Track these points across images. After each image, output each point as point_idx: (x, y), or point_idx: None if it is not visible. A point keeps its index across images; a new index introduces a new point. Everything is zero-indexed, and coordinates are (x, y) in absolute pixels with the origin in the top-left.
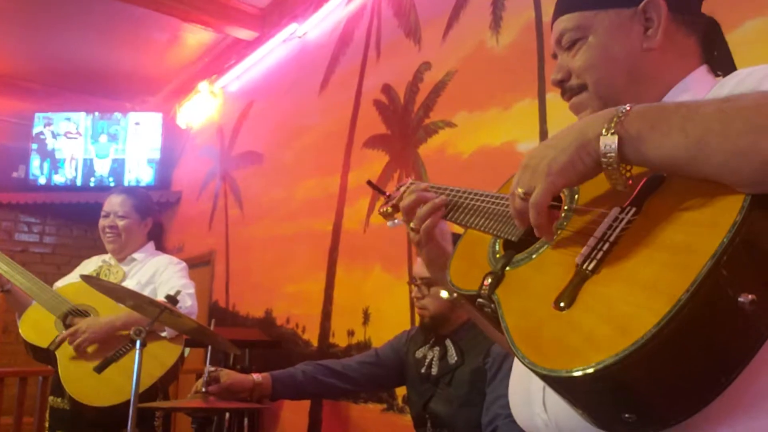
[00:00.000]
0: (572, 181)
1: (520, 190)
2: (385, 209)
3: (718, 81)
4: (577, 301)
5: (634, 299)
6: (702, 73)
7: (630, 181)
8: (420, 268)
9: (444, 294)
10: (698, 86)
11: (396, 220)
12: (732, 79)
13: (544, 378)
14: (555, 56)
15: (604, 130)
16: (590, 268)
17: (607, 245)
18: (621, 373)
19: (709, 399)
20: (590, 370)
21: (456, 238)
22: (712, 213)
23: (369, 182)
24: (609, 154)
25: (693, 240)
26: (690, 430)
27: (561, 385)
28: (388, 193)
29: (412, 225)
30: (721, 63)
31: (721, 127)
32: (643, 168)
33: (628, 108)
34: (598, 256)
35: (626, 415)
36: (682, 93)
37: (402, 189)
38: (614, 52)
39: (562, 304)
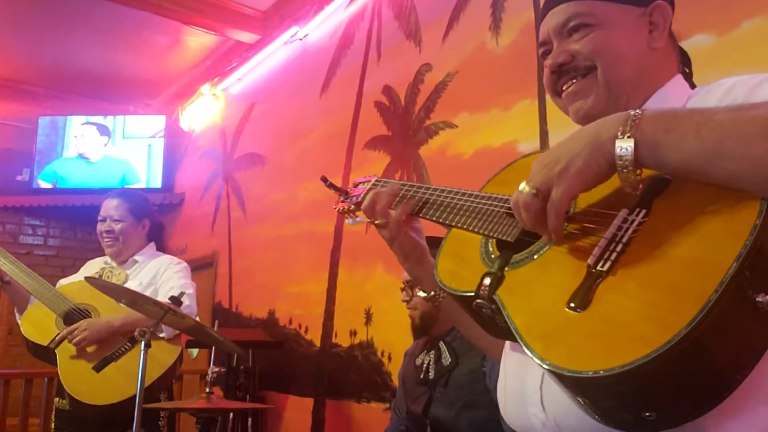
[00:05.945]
0: (588, 185)
1: (530, 186)
2: (342, 207)
3: (695, 91)
4: (594, 302)
5: (656, 300)
6: (678, 80)
7: (641, 185)
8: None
9: (422, 293)
10: (675, 96)
11: (358, 218)
12: (718, 89)
13: (562, 378)
14: (544, 44)
15: (619, 133)
16: (604, 268)
17: (620, 246)
18: (650, 372)
19: (724, 396)
20: (619, 371)
21: (436, 240)
22: (729, 216)
23: (323, 178)
24: (625, 157)
25: (712, 242)
26: (701, 426)
27: (580, 385)
28: (346, 190)
29: (377, 221)
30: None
31: (738, 133)
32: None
33: (641, 112)
34: (612, 257)
35: (647, 414)
36: (659, 103)
37: (367, 186)
38: (628, 44)
39: (573, 305)
